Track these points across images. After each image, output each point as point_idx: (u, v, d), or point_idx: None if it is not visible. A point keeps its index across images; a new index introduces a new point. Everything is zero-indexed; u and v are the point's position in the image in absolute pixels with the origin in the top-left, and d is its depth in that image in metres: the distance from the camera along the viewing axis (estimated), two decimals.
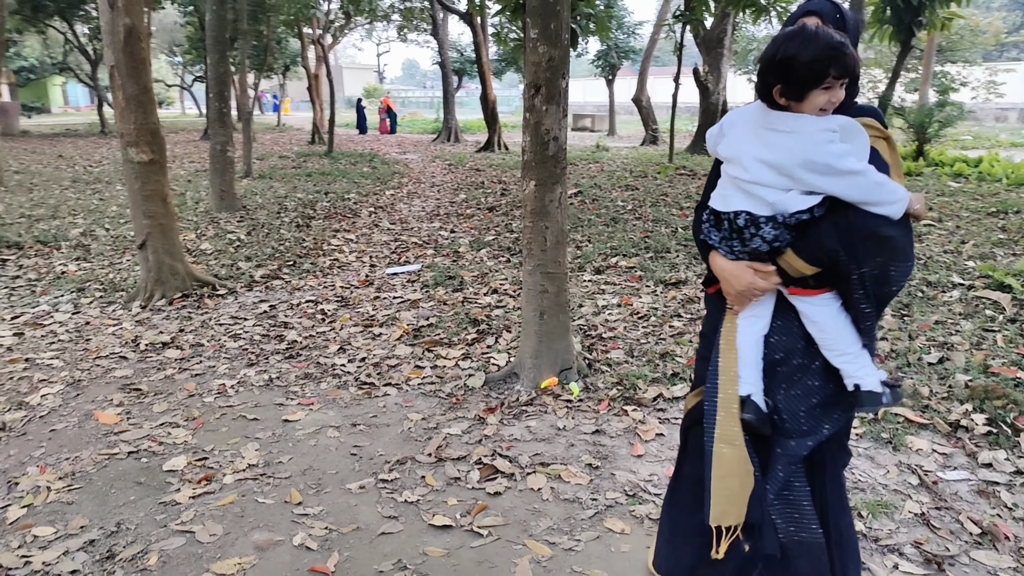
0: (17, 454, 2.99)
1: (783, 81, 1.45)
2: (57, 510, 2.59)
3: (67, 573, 2.24)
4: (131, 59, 4.72)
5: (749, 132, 1.55)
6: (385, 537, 2.43)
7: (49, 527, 2.48)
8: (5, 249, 6.55)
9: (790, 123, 1.48)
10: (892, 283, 1.49)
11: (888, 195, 1.42)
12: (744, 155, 1.53)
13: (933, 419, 3.19)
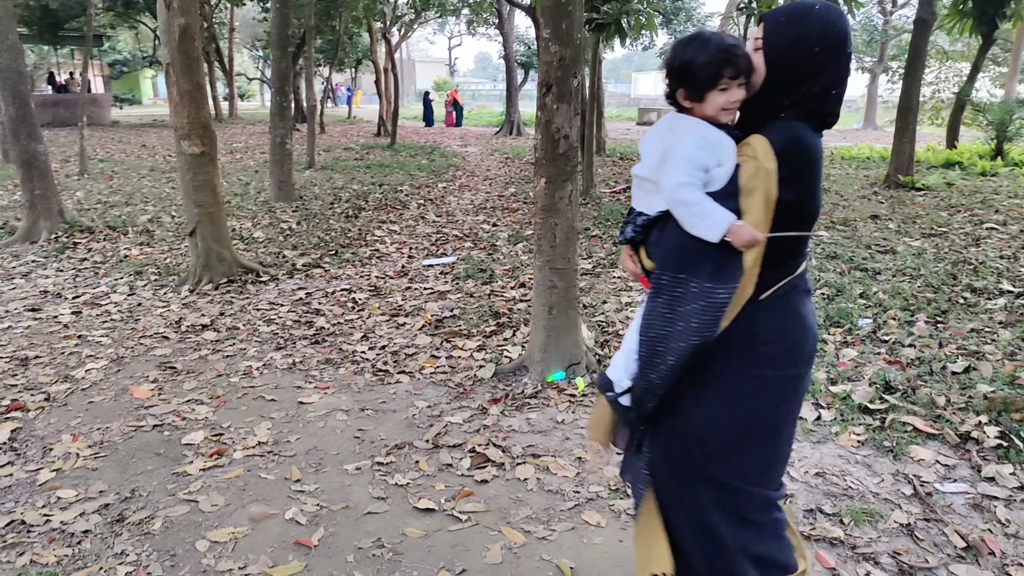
0: (56, 423, 3.27)
1: (684, 84, 1.51)
2: (82, 475, 2.84)
3: (80, 532, 2.46)
4: (185, 57, 5.01)
5: (659, 131, 1.59)
6: (370, 516, 2.56)
7: (72, 490, 2.72)
8: (78, 233, 7.05)
9: (678, 123, 1.55)
10: (689, 300, 1.47)
11: (695, 219, 1.45)
12: (641, 149, 1.63)
13: (943, 429, 3.09)
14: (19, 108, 6.73)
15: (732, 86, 1.47)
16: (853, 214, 7.73)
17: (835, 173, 11.28)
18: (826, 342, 4.10)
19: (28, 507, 2.60)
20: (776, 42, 1.47)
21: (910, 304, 4.67)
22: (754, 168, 1.43)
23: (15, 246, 6.72)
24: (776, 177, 1.42)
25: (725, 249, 1.44)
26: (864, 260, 5.79)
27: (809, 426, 3.17)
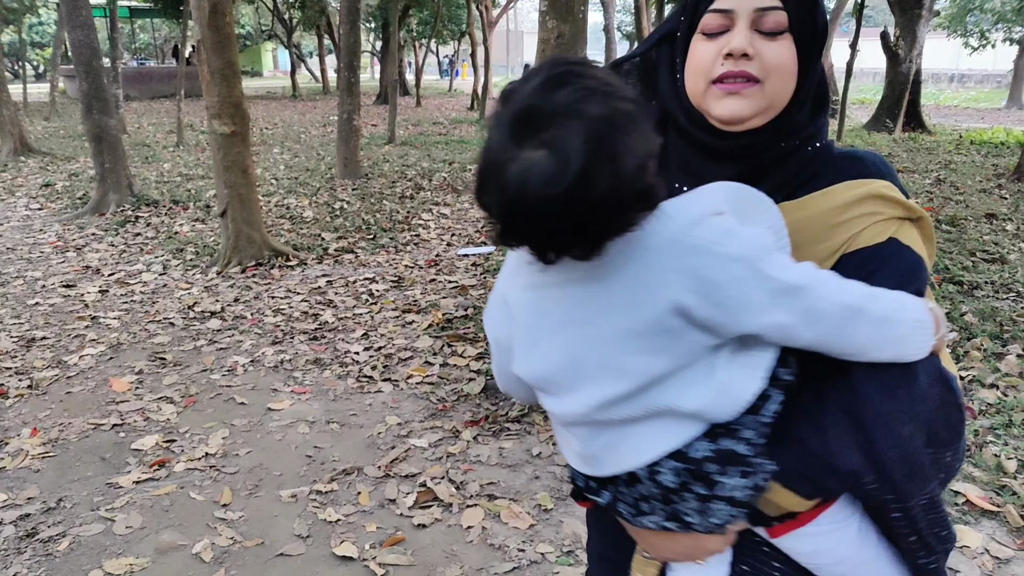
0: (27, 413, 3.22)
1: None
2: (22, 476, 2.73)
3: None
4: (216, 34, 4.88)
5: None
6: (281, 559, 2.28)
7: (4, 493, 2.61)
8: (144, 207, 7.24)
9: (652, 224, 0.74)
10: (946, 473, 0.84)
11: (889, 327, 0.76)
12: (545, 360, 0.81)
13: (1005, 506, 2.44)
14: (92, 83, 6.93)
15: None
16: (965, 211, 6.69)
17: (957, 160, 9.95)
18: None
19: None
20: (815, 10, 0.84)
21: (1004, 331, 3.87)
22: (919, 235, 0.85)
23: (85, 217, 6.98)
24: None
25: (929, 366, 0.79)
26: (963, 271, 4.92)
27: None
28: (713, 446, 0.75)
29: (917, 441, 0.77)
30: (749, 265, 0.71)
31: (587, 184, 0.65)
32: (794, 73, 0.85)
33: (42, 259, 5.67)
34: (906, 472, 0.77)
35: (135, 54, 29.49)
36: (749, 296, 0.71)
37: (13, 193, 8.33)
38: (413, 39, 25.41)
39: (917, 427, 0.77)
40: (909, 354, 0.77)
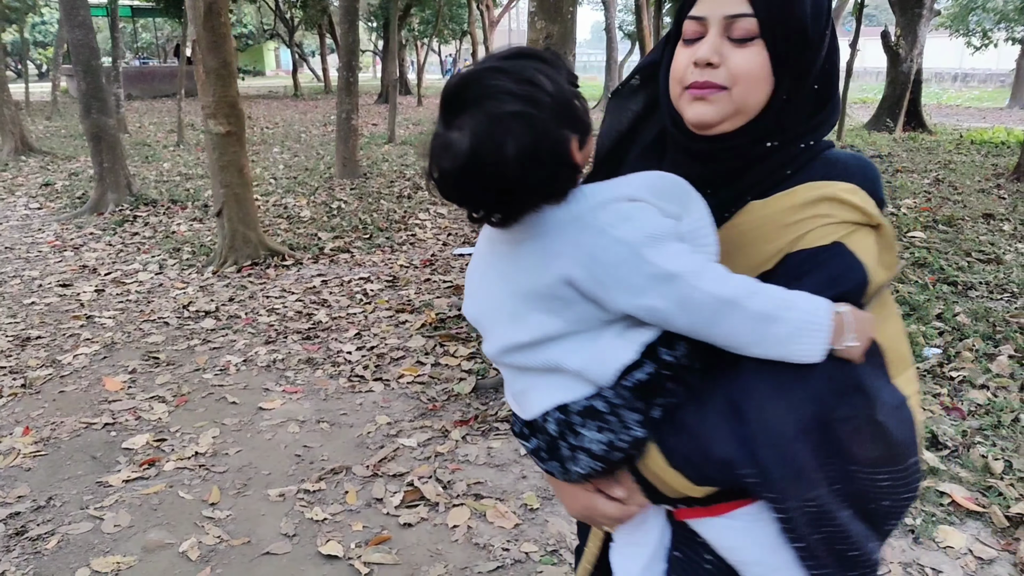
0: (20, 412, 3.24)
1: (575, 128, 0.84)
2: (13, 475, 2.75)
3: None
4: (211, 34, 4.89)
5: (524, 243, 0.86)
6: (266, 558, 2.30)
7: None
8: (142, 206, 7.26)
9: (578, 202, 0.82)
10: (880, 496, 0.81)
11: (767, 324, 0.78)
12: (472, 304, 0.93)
13: (990, 507, 2.45)
14: (90, 82, 6.96)
15: None
16: (962, 211, 6.69)
17: (957, 160, 9.93)
18: None
19: None
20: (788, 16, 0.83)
21: (997, 331, 3.88)
22: (874, 241, 0.83)
23: (83, 217, 7.00)
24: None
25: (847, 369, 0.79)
26: (958, 271, 4.92)
27: None
28: (584, 403, 0.83)
29: (802, 444, 0.77)
30: (633, 249, 0.78)
31: (476, 164, 0.77)
32: (764, 78, 0.86)
33: (40, 258, 5.70)
34: (784, 472, 0.78)
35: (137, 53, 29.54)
36: (626, 277, 0.78)
37: (13, 192, 8.36)
38: (415, 38, 25.40)
39: (806, 430, 0.77)
40: (795, 355, 0.78)
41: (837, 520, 0.80)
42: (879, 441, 0.78)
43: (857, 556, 0.83)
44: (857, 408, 0.78)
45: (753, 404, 0.79)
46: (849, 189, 0.84)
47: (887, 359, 0.81)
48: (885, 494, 0.81)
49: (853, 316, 0.79)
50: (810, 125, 0.89)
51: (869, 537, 0.82)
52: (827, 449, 0.78)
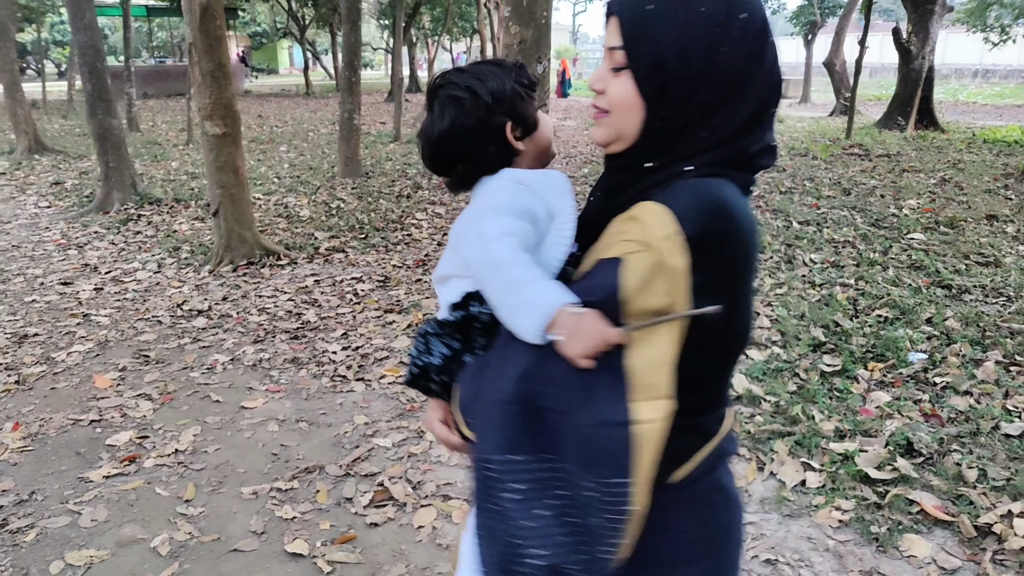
0: (12, 408, 3.32)
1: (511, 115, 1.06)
2: (0, 469, 2.84)
3: None
4: (207, 37, 4.96)
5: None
6: (234, 555, 2.35)
7: None
8: (147, 205, 7.38)
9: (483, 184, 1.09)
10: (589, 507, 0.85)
11: (506, 295, 0.89)
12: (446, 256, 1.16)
13: (959, 516, 2.44)
14: (95, 83, 7.07)
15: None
16: (965, 212, 6.62)
17: (967, 159, 9.82)
18: (857, 379, 3.44)
19: None
20: (652, 48, 0.89)
21: (986, 336, 3.85)
22: (648, 264, 0.84)
23: (89, 216, 7.13)
24: (688, 281, 0.83)
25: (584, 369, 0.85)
26: (954, 274, 4.89)
27: (787, 492, 2.62)
28: (424, 327, 1.08)
29: (496, 410, 0.88)
30: (479, 212, 1.00)
31: (429, 136, 1.08)
32: (634, 105, 0.91)
33: (44, 257, 5.81)
34: (477, 429, 0.93)
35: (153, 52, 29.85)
36: (467, 230, 1.01)
37: (24, 191, 8.52)
38: (426, 36, 25.48)
39: (505, 401, 0.87)
40: (514, 326, 0.90)
41: (507, 497, 0.85)
42: (581, 446, 0.82)
43: (517, 548, 0.85)
44: (561, 405, 0.84)
45: (489, 364, 0.95)
46: (655, 211, 0.86)
47: (632, 382, 0.82)
48: (594, 507, 0.83)
49: (575, 319, 0.84)
50: (696, 150, 0.91)
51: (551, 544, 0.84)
52: (530, 429, 0.85)
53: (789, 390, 3.34)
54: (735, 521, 1.01)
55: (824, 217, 6.56)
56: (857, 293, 4.55)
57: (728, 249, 0.85)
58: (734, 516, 1.01)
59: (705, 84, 0.88)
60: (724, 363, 0.95)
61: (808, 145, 11.23)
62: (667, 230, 0.83)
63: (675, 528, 0.91)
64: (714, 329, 0.85)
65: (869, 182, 8.20)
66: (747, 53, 0.88)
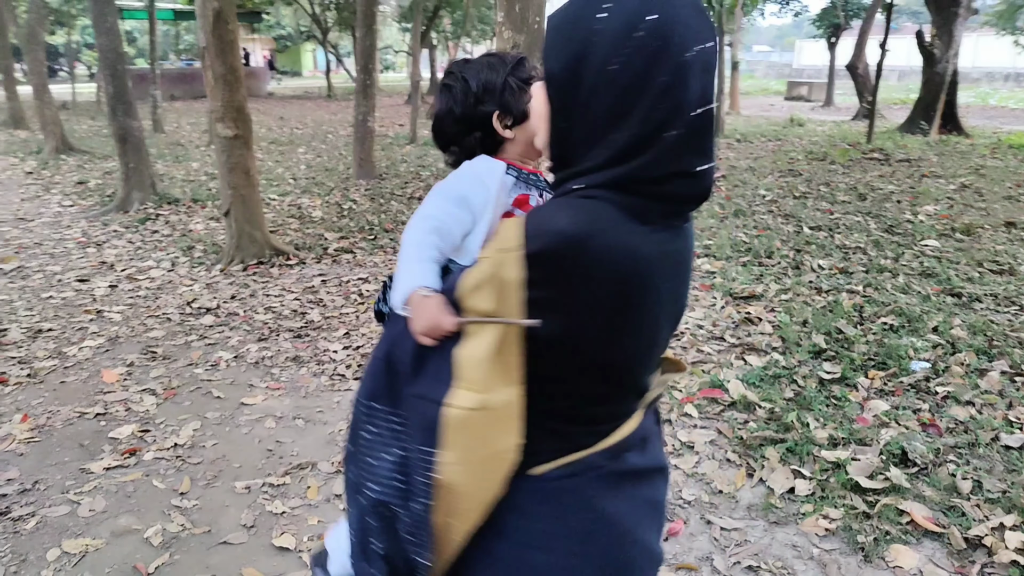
0: (23, 400, 3.42)
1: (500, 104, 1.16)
2: (6, 459, 2.92)
3: None
4: (219, 41, 5.06)
5: None
6: (223, 547, 2.41)
7: None
8: (165, 205, 7.52)
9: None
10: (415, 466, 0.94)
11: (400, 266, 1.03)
12: None
13: (949, 527, 2.42)
14: (116, 86, 7.23)
15: None
16: (983, 219, 6.52)
17: (989, 165, 9.65)
18: (856, 387, 3.41)
19: None
20: (552, 61, 0.92)
21: (993, 346, 3.80)
22: (485, 271, 0.88)
23: (110, 215, 7.29)
24: (520, 294, 0.86)
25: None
26: (966, 282, 4.82)
27: (775, 499, 2.62)
28: None
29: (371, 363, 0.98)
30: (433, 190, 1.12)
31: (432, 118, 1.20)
32: (542, 116, 0.94)
33: (64, 254, 5.95)
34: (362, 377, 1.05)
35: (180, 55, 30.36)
36: None
37: (49, 190, 8.73)
38: (446, 39, 25.62)
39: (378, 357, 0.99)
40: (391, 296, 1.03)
41: (362, 435, 0.96)
42: (410, 411, 0.93)
43: (362, 477, 0.97)
44: (404, 371, 0.96)
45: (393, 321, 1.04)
46: (511, 225, 0.89)
47: (455, 369, 0.90)
48: (416, 466, 0.92)
49: (422, 301, 0.94)
50: (589, 167, 0.91)
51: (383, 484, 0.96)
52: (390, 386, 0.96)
53: (785, 397, 3.32)
54: (600, 536, 0.99)
55: (837, 222, 6.50)
56: (864, 300, 4.51)
57: (570, 273, 0.85)
58: (598, 531, 0.99)
59: (596, 100, 0.87)
60: (598, 386, 0.95)
61: (827, 149, 11.11)
62: (511, 244, 0.86)
63: (532, 515, 0.96)
64: (559, 348, 0.88)
65: (886, 187, 8.10)
66: (638, 72, 0.85)
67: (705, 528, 2.50)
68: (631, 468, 1.01)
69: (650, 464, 1.06)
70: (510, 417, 0.89)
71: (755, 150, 11.53)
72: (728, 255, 5.55)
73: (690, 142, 0.88)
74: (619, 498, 1.00)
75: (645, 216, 0.89)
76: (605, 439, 0.98)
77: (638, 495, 1.03)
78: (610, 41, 0.85)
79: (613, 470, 0.99)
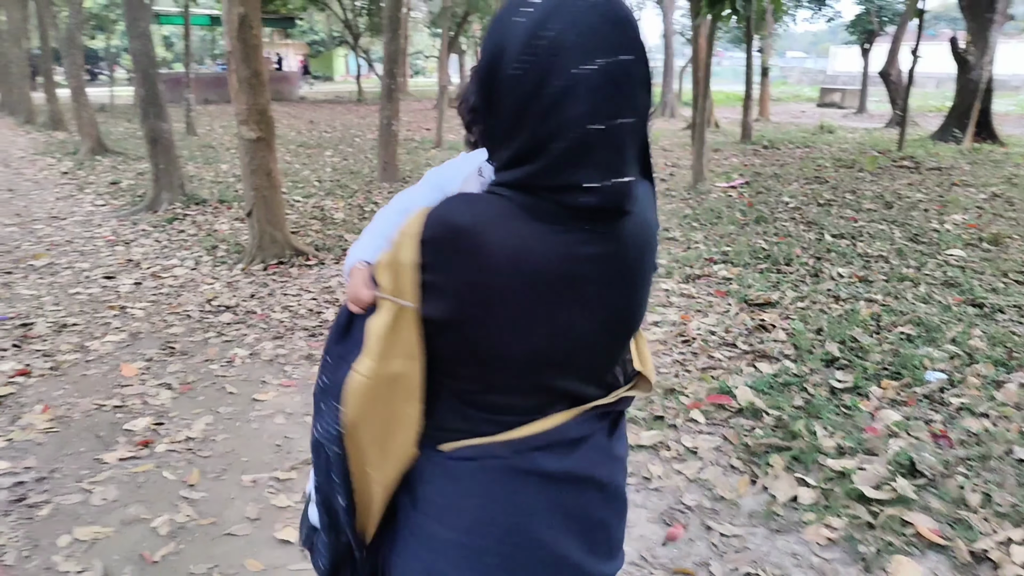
0: (45, 391, 3.53)
1: None
2: (25, 448, 3.02)
3: None
4: (244, 45, 5.18)
5: None
6: (227, 539, 2.46)
7: (6, 462, 2.90)
8: (193, 205, 7.69)
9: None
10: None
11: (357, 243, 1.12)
12: None
13: (955, 540, 2.38)
14: (148, 89, 7.42)
15: None
16: (1012, 229, 6.38)
17: (1023, 174, 9.43)
18: (868, 397, 3.37)
19: None
20: (480, 57, 0.96)
21: (1013, 357, 3.72)
22: (390, 252, 0.94)
23: (139, 214, 7.47)
24: (414, 277, 0.91)
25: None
26: (989, 292, 4.72)
27: (777, 507, 2.60)
28: None
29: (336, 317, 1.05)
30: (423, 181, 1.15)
31: None
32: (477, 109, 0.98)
33: (93, 252, 6.12)
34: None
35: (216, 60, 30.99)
36: None
37: (83, 190, 8.98)
38: (475, 44, 25.77)
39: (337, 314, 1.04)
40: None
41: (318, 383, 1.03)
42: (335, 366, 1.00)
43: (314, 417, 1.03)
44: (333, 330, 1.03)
45: None
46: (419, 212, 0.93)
47: (365, 337, 0.96)
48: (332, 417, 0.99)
49: (355, 272, 1.01)
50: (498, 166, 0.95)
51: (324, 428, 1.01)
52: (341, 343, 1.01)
53: (795, 404, 3.29)
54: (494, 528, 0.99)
55: (860, 230, 6.41)
56: (882, 309, 4.44)
57: (454, 262, 0.90)
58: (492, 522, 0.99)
59: (504, 101, 0.89)
60: (494, 375, 0.96)
61: (856, 157, 10.95)
62: (413, 229, 0.91)
63: (437, 490, 1.01)
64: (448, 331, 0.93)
65: (914, 195, 7.96)
66: (534, 80, 0.85)
67: (704, 534, 2.49)
68: (540, 469, 0.99)
69: (574, 471, 1.01)
70: (409, 387, 0.95)
71: (782, 157, 11.41)
72: (746, 262, 5.51)
73: (583, 157, 0.87)
74: (522, 495, 0.99)
75: (551, 217, 0.90)
76: (508, 431, 0.99)
77: (554, 500, 1.00)
78: (517, 45, 0.86)
79: (516, 465, 0.99)
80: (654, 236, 1.04)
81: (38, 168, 10.66)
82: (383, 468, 1.00)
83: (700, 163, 8.35)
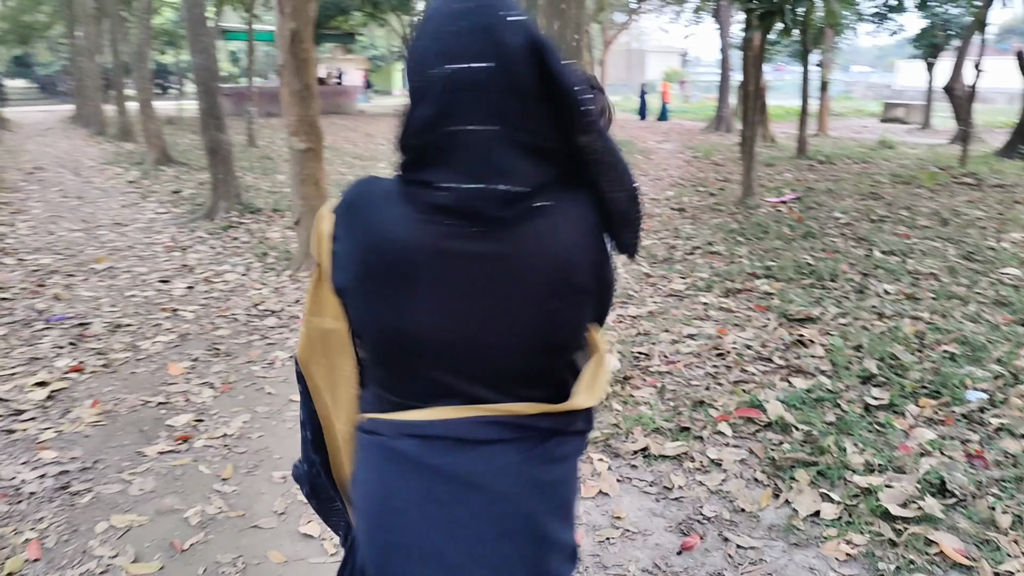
0: (96, 387, 3.73)
1: None
2: (73, 440, 3.20)
3: (28, 493, 2.78)
4: (295, 59, 5.39)
5: None
6: (253, 531, 2.56)
7: (54, 452, 3.08)
8: (248, 214, 7.99)
9: None
10: None
11: None
12: None
13: (980, 560, 2.30)
14: (208, 102, 7.77)
15: None
16: None
17: None
18: (904, 415, 3.27)
19: (11, 461, 3.00)
20: None
21: None
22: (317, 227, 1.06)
23: (197, 221, 7.81)
24: (328, 245, 1.03)
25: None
26: None
27: (798, 521, 2.55)
28: None
29: None
30: None
31: None
32: None
33: (151, 257, 6.43)
34: None
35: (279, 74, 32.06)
36: None
37: (146, 198, 9.42)
38: None
39: None
40: None
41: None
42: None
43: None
44: None
45: None
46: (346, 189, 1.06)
47: None
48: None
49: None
50: None
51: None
52: None
53: (826, 420, 3.22)
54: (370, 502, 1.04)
55: (912, 247, 6.21)
56: (928, 327, 4.30)
57: (348, 233, 1.00)
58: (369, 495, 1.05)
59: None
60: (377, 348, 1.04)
61: (915, 173, 10.60)
62: (333, 204, 1.04)
63: (358, 454, 1.11)
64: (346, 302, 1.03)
65: (972, 213, 7.67)
66: (409, 78, 0.96)
67: (721, 545, 2.47)
68: (410, 456, 0.99)
69: (454, 471, 0.98)
70: (340, 342, 1.06)
71: (837, 172, 11.13)
72: (789, 277, 5.41)
73: (436, 157, 0.92)
74: (387, 474, 1.01)
75: (422, 207, 0.95)
76: (393, 411, 1.02)
77: (424, 490, 0.99)
78: (412, 44, 0.97)
79: (392, 447, 1.00)
80: (579, 256, 0.99)
81: (106, 177, 11.23)
82: (340, 417, 1.11)
83: (749, 178, 8.23)
